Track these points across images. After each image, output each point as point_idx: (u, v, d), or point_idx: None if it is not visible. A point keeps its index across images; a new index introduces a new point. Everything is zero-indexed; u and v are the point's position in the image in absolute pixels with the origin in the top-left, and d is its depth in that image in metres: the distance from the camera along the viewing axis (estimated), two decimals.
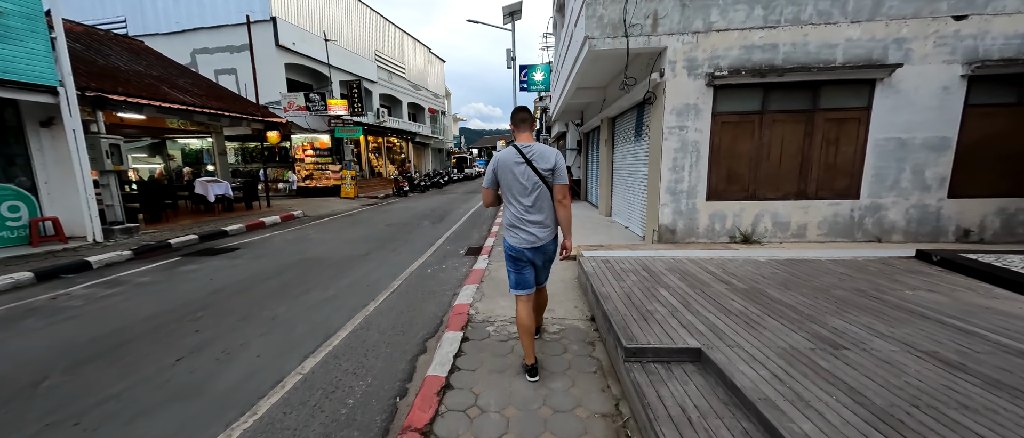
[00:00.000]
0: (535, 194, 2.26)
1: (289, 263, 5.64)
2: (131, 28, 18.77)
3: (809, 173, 4.98)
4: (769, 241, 5.08)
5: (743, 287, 3.19)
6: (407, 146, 26.34)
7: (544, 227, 2.30)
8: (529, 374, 2.41)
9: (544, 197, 2.28)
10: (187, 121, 9.71)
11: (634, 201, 6.71)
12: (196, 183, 9.17)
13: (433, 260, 5.83)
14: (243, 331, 3.38)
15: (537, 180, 2.24)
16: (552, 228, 2.36)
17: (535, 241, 2.29)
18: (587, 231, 6.87)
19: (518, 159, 2.26)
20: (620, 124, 7.69)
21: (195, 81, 10.97)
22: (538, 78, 19.29)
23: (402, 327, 3.46)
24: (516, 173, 2.26)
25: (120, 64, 9.23)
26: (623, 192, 7.48)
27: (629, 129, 7.00)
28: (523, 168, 2.25)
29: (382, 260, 5.83)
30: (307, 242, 7.18)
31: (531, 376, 2.40)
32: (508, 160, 2.29)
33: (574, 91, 8.15)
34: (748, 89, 4.84)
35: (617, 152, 8.05)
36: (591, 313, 3.32)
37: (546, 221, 2.31)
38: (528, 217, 2.28)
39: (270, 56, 17.52)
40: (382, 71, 24.48)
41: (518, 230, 2.31)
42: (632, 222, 6.84)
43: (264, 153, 17.15)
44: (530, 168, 2.24)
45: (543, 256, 2.38)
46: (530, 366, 2.41)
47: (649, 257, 4.28)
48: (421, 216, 10.57)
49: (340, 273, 5.12)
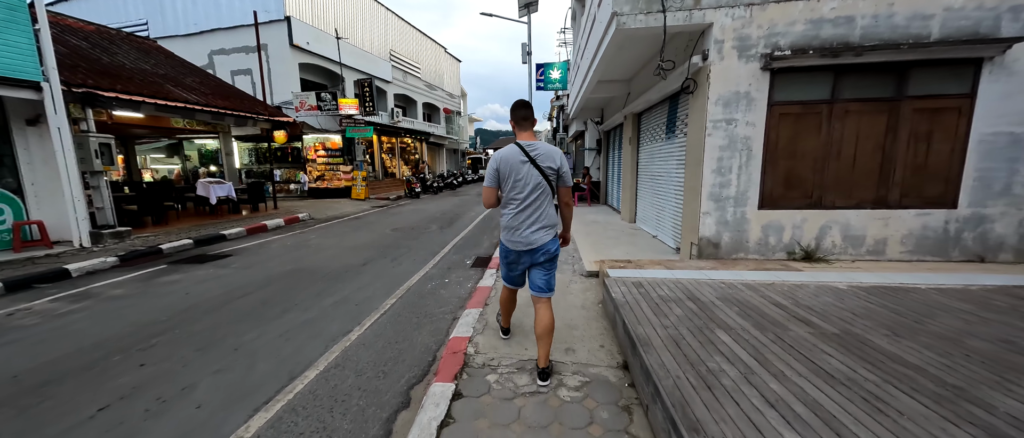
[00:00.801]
0: (537, 195, 2.17)
1: (278, 274, 5.09)
2: (152, 30, 19.05)
3: (891, 176, 4.05)
4: (837, 259, 4.17)
5: (833, 331, 2.37)
6: (421, 146, 25.98)
7: (542, 229, 2.22)
8: (503, 333, 2.86)
9: (546, 199, 2.20)
10: (192, 121, 9.43)
11: (664, 207, 5.87)
12: (198, 184, 8.85)
13: (436, 272, 5.17)
14: (195, 367, 2.78)
15: (541, 180, 2.15)
16: (551, 230, 2.27)
17: (531, 244, 2.22)
18: (609, 241, 6.07)
19: (522, 158, 2.14)
20: (648, 120, 6.85)
21: (203, 80, 10.74)
22: (555, 76, 18.51)
23: (385, 365, 2.79)
24: (520, 173, 2.15)
25: (126, 62, 9.02)
26: (650, 196, 6.63)
27: (659, 125, 6.16)
28: (528, 168, 2.14)
29: (380, 271, 5.21)
30: (305, 249, 6.66)
31: (504, 335, 2.84)
32: (512, 158, 2.16)
33: (595, 85, 7.36)
34: (815, 73, 3.96)
35: (643, 151, 7.21)
36: (624, 357, 2.56)
37: (546, 223, 2.22)
38: (527, 219, 2.20)
39: (284, 56, 17.40)
40: (397, 71, 24.21)
41: (515, 231, 2.23)
42: (662, 231, 6.00)
43: (277, 154, 17.02)
44: (535, 167, 2.14)
45: (540, 257, 2.28)
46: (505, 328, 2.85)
47: (692, 280, 3.48)
48: (430, 220, 9.98)
49: (330, 287, 4.51)
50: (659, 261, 4.22)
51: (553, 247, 2.28)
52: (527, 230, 2.20)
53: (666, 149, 5.79)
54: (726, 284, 3.32)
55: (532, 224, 2.20)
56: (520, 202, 2.19)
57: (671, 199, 5.58)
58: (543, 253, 2.26)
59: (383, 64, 22.81)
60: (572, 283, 4.24)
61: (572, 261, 5.10)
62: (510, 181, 2.19)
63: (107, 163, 6.27)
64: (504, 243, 2.34)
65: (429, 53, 29.30)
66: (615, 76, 7.30)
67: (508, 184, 2.21)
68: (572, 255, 5.39)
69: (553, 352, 2.73)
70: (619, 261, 4.29)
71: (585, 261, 4.82)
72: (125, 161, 11.89)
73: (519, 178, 2.16)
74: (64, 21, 9.48)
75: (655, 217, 6.35)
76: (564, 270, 4.72)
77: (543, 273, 2.32)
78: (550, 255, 2.29)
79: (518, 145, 2.18)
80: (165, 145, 17.96)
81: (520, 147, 2.17)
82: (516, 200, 2.20)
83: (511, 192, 2.21)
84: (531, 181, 2.15)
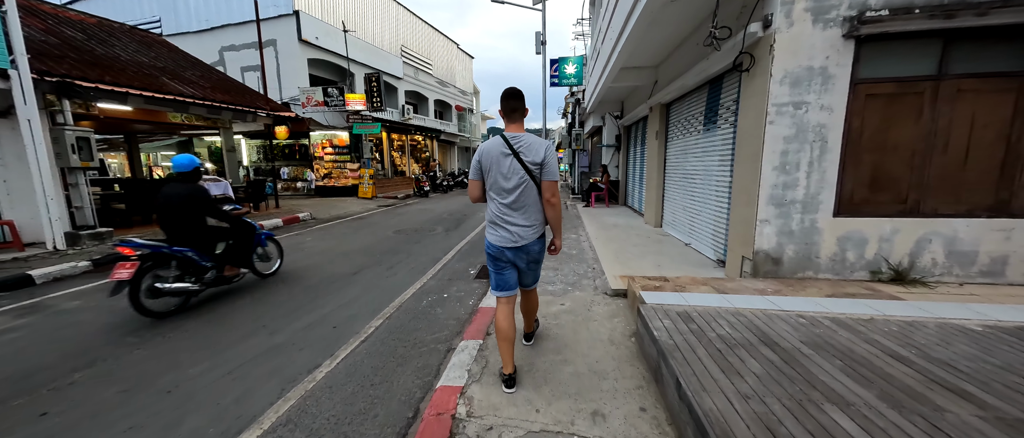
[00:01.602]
0: (520, 190, 2.07)
1: (255, 285, 4.48)
2: (165, 28, 19.04)
3: (1017, 175, 3.12)
4: (940, 281, 3.26)
5: (1004, 409, 1.54)
6: (432, 144, 25.47)
7: (527, 227, 2.12)
8: (506, 385, 2.21)
9: (529, 193, 2.09)
10: (190, 115, 9.00)
11: (701, 211, 5.01)
12: None
13: (434, 285, 4.47)
14: (104, 421, 2.14)
15: (524, 174, 2.05)
16: (537, 227, 2.16)
17: (516, 240, 2.12)
18: (634, 249, 5.24)
19: (505, 150, 2.06)
20: (679, 110, 5.99)
21: (205, 75, 10.36)
22: (570, 71, 17.61)
23: (350, 423, 2.09)
24: (501, 165, 2.07)
25: (122, 54, 8.66)
26: (682, 198, 5.77)
27: (694, 115, 5.30)
28: (509, 160, 2.05)
29: (371, 282, 4.55)
30: (296, 253, 6.07)
31: (508, 387, 2.20)
32: (494, 151, 2.09)
33: (617, 72, 6.52)
34: (917, 41, 3.07)
35: (673, 147, 6.34)
36: (679, 434, 1.78)
37: (530, 219, 2.13)
38: (510, 214, 2.11)
39: (293, 51, 17.07)
40: (408, 67, 23.73)
41: (499, 227, 2.14)
42: (697, 239, 5.14)
43: (284, 151, 16.71)
44: (517, 161, 2.04)
45: (526, 257, 2.20)
46: (508, 376, 2.21)
47: (757, 310, 2.66)
48: (436, 220, 9.32)
49: (310, 303, 3.86)
50: (704, 280, 3.40)
51: (538, 247, 2.20)
52: (512, 226, 2.11)
53: (703, 143, 4.93)
54: (807, 318, 2.49)
55: (517, 221, 2.11)
56: (503, 197, 2.10)
57: (710, 202, 4.72)
58: (527, 252, 2.17)
59: (394, 60, 22.36)
60: (595, 305, 3.47)
61: (593, 274, 4.32)
62: (492, 174, 2.10)
63: (86, 159, 5.80)
64: (490, 241, 2.20)
65: (441, 49, 28.76)
66: (641, 62, 6.45)
67: (491, 177, 2.11)
68: (592, 266, 4.61)
69: (577, 417, 1.99)
70: (653, 279, 3.49)
71: (609, 275, 4.03)
72: (128, 158, 11.65)
73: (500, 171, 2.07)
74: (64, 13, 9.20)
75: (687, 222, 5.49)
76: (583, 286, 3.95)
77: (530, 273, 2.32)
78: (536, 256, 2.23)
79: (503, 137, 2.08)
80: (176, 142, 17.91)
81: (504, 139, 2.07)
82: (499, 195, 2.11)
83: (494, 186, 2.11)
84: (514, 175, 2.05)
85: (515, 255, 2.16)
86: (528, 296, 2.49)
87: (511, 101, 2.11)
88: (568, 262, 4.89)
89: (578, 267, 4.65)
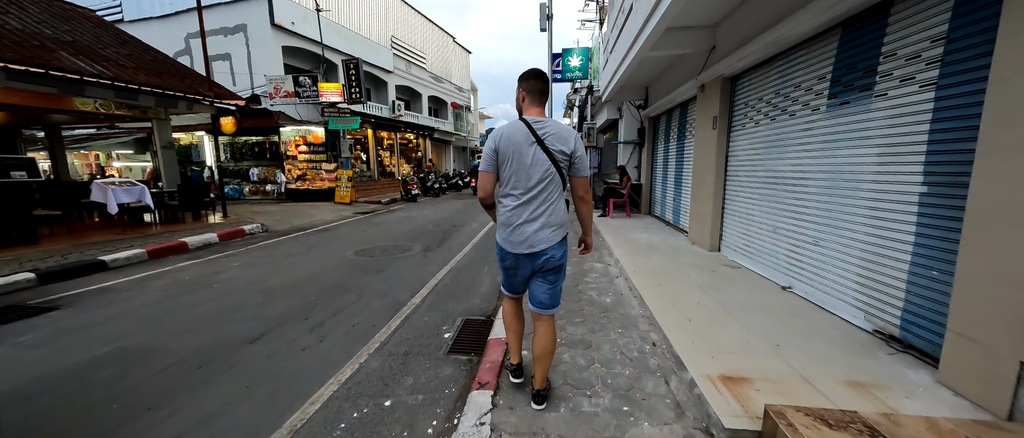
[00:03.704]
0: (544, 184, 1.75)
1: (67, 368, 2.57)
2: (127, 13, 17.23)
3: None
4: None
5: None
6: (424, 143, 23.58)
7: (548, 228, 1.78)
8: (513, 375, 2.12)
9: (554, 189, 1.78)
10: (106, 101, 7.09)
11: (826, 239, 3.11)
12: (93, 186, 6.46)
13: (376, 369, 2.57)
14: None
15: (550, 167, 1.74)
16: (559, 229, 1.81)
17: (533, 245, 1.78)
18: (705, 299, 3.33)
19: (529, 138, 1.72)
20: (762, 80, 4.09)
21: (134, 54, 8.45)
22: (574, 63, 15.78)
23: None
24: (524, 155, 1.73)
25: (16, 25, 6.77)
26: (768, 213, 3.88)
27: (801, 83, 3.40)
28: (534, 149, 1.73)
29: (271, 364, 2.65)
30: (197, 293, 4.16)
31: (515, 377, 2.11)
32: (516, 137, 1.73)
33: (659, 36, 4.61)
34: None
35: (744, 136, 4.45)
36: None
37: (551, 220, 1.78)
38: (527, 214, 1.77)
39: (265, 38, 15.19)
40: (399, 60, 21.84)
41: (513, 229, 1.80)
42: (813, 284, 3.24)
43: (254, 150, 14.80)
44: (543, 150, 1.72)
45: (545, 265, 1.83)
46: (515, 366, 2.11)
47: None
48: (418, 233, 7.42)
49: (127, 426, 1.96)
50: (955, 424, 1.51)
51: (559, 253, 1.83)
52: (529, 228, 1.77)
53: (830, 125, 3.03)
54: None
55: (535, 221, 1.77)
56: (522, 193, 1.76)
57: (849, 224, 2.82)
58: (546, 259, 1.81)
59: (383, 51, 20.48)
60: None
61: (657, 364, 2.41)
62: (511, 165, 1.75)
63: None
64: (500, 244, 1.88)
65: (436, 42, 26.89)
66: (695, 19, 4.58)
67: (508, 169, 1.76)
68: (648, 338, 2.70)
69: None
70: (828, 417, 1.58)
71: (696, 373, 2.12)
72: (50, 155, 9.73)
73: (523, 162, 1.73)
74: None
75: (783, 252, 3.58)
76: (649, 401, 2.04)
77: (546, 286, 1.88)
78: (556, 263, 1.84)
79: (524, 121, 1.76)
80: (133, 139, 16.01)
81: (526, 123, 1.75)
82: (517, 190, 1.77)
83: (512, 180, 1.77)
84: (538, 167, 1.73)
85: (529, 262, 1.82)
86: (541, 328, 1.91)
87: (534, 81, 1.81)
88: (605, 322, 2.99)
89: (625, 338, 2.74)
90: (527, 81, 1.82)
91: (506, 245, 1.84)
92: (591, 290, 3.73)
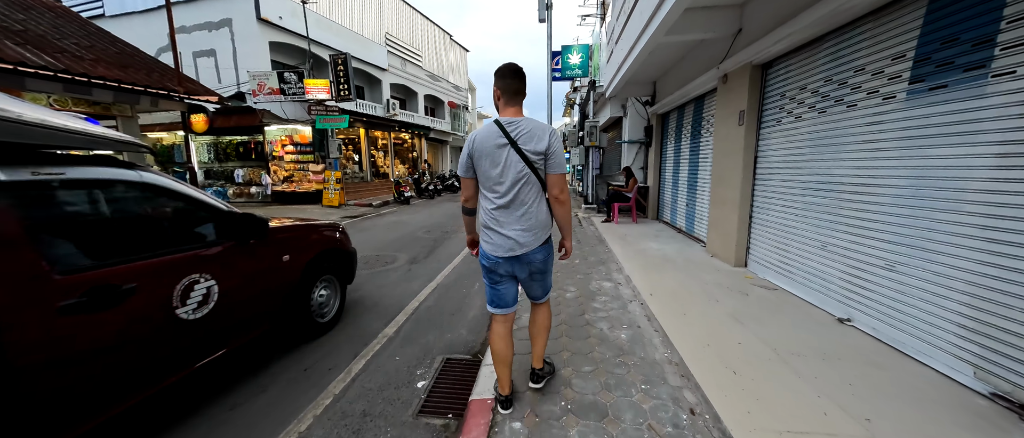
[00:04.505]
0: (519, 186, 1.70)
1: None
2: (108, 8, 16.56)
3: None
4: None
5: None
6: (420, 143, 22.91)
7: (527, 231, 1.73)
8: (502, 406, 1.94)
9: (531, 190, 1.72)
10: (61, 97, 6.41)
11: (907, 262, 2.44)
12: None
13: None
14: None
15: (523, 168, 1.68)
16: (540, 231, 1.77)
17: (514, 248, 1.75)
18: (747, 337, 2.66)
19: (500, 139, 1.67)
20: (808, 64, 3.43)
21: (96, 45, 7.76)
22: (574, 60, 15.08)
23: None
24: (495, 158, 1.69)
25: None
26: (818, 225, 3.21)
27: (866, 67, 2.74)
28: (506, 151, 1.68)
29: None
30: None
31: (504, 408, 1.94)
32: (487, 141, 1.69)
33: (678, 16, 3.93)
34: None
35: (780, 134, 3.79)
36: None
37: (531, 222, 1.74)
38: (506, 216, 1.73)
39: (251, 33, 14.52)
40: (394, 58, 21.17)
41: (493, 232, 1.77)
42: (872, 312, 2.58)
43: (239, 150, 14.10)
44: (515, 151, 1.67)
45: (528, 268, 1.82)
46: (504, 397, 1.94)
47: None
48: (405, 242, 6.74)
49: None
50: None
51: (541, 256, 1.80)
52: (510, 232, 1.73)
53: (907, 120, 2.36)
54: None
55: (514, 225, 1.73)
56: (498, 196, 1.72)
57: (947, 250, 2.16)
58: (528, 263, 1.79)
59: (377, 49, 19.81)
60: None
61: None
62: (484, 168, 1.72)
63: None
64: (482, 247, 1.86)
65: (433, 40, 26.22)
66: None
67: (483, 172, 1.73)
68: (704, 427, 2.03)
69: None
70: None
71: None
72: None
73: (494, 165, 1.69)
74: None
75: (840, 276, 2.91)
76: None
77: (536, 284, 1.91)
78: (539, 266, 1.83)
79: (497, 123, 1.70)
80: None
81: (499, 125, 1.68)
82: (493, 194, 1.74)
83: (487, 183, 1.75)
84: (511, 169, 1.68)
85: (514, 266, 1.81)
86: (537, 312, 2.00)
87: (508, 80, 1.71)
88: (622, 372, 2.31)
89: (651, 399, 2.06)
90: (502, 79, 1.71)
91: (489, 249, 1.81)
92: (601, 320, 3.06)
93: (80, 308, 1.49)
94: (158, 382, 1.80)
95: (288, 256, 2.65)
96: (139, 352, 1.71)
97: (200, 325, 1.98)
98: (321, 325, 3.05)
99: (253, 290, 2.37)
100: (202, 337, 2.02)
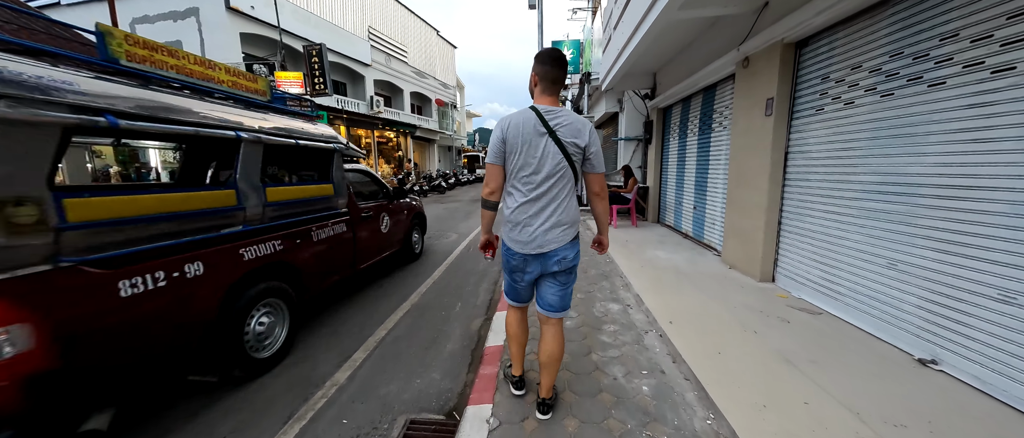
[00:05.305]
0: (554, 179, 1.58)
1: None
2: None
3: None
4: None
5: None
6: (405, 142, 22.02)
7: (558, 227, 1.61)
8: (515, 386, 2.00)
9: (565, 185, 1.61)
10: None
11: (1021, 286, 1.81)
12: None
13: None
14: None
15: (562, 161, 1.56)
16: (571, 228, 1.65)
17: (542, 245, 1.61)
18: (775, 373, 2.01)
19: (540, 128, 1.55)
20: (855, 42, 2.81)
21: (10, 22, 6.78)
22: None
23: None
24: (534, 147, 1.56)
25: None
26: (883, 238, 2.59)
27: (959, 33, 2.12)
28: (545, 141, 1.55)
29: None
30: None
31: (517, 389, 1.99)
32: (525, 127, 1.55)
33: None
34: None
35: (821, 125, 3.17)
36: None
37: (562, 219, 1.61)
38: (537, 210, 1.60)
39: (220, 23, 13.58)
40: (377, 53, 20.26)
41: (520, 227, 1.64)
42: (974, 357, 1.96)
43: None
44: (554, 142, 1.54)
45: (556, 266, 1.66)
46: (516, 378, 2.00)
47: None
48: None
49: None
50: None
51: (571, 253, 1.67)
52: (538, 227, 1.60)
53: None
54: None
55: (545, 220, 1.60)
56: (531, 189, 1.59)
57: None
58: (557, 261, 1.65)
59: (359, 43, 18.89)
60: None
61: None
62: (519, 158, 1.57)
63: None
64: (506, 242, 1.73)
65: (418, 35, 25.34)
66: None
67: (516, 161, 1.58)
68: None
69: None
70: None
71: None
72: None
73: (533, 155, 1.56)
74: None
75: (917, 305, 2.29)
76: None
77: (557, 287, 1.73)
78: (567, 264, 1.67)
79: (534, 110, 1.58)
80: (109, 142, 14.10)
81: (536, 113, 1.56)
82: (525, 186, 1.60)
83: (519, 173, 1.60)
84: (548, 161, 1.56)
85: (536, 263, 1.68)
86: (549, 333, 1.77)
87: (549, 67, 1.60)
88: None
89: None
90: (542, 65, 1.61)
91: (512, 244, 1.68)
92: (613, 363, 2.37)
93: (362, 220, 3.81)
94: (376, 256, 4.16)
95: (405, 211, 4.94)
96: (375, 241, 4.09)
97: (385, 235, 4.31)
98: (415, 255, 5.34)
99: (397, 224, 4.65)
100: (384, 242, 4.32)
